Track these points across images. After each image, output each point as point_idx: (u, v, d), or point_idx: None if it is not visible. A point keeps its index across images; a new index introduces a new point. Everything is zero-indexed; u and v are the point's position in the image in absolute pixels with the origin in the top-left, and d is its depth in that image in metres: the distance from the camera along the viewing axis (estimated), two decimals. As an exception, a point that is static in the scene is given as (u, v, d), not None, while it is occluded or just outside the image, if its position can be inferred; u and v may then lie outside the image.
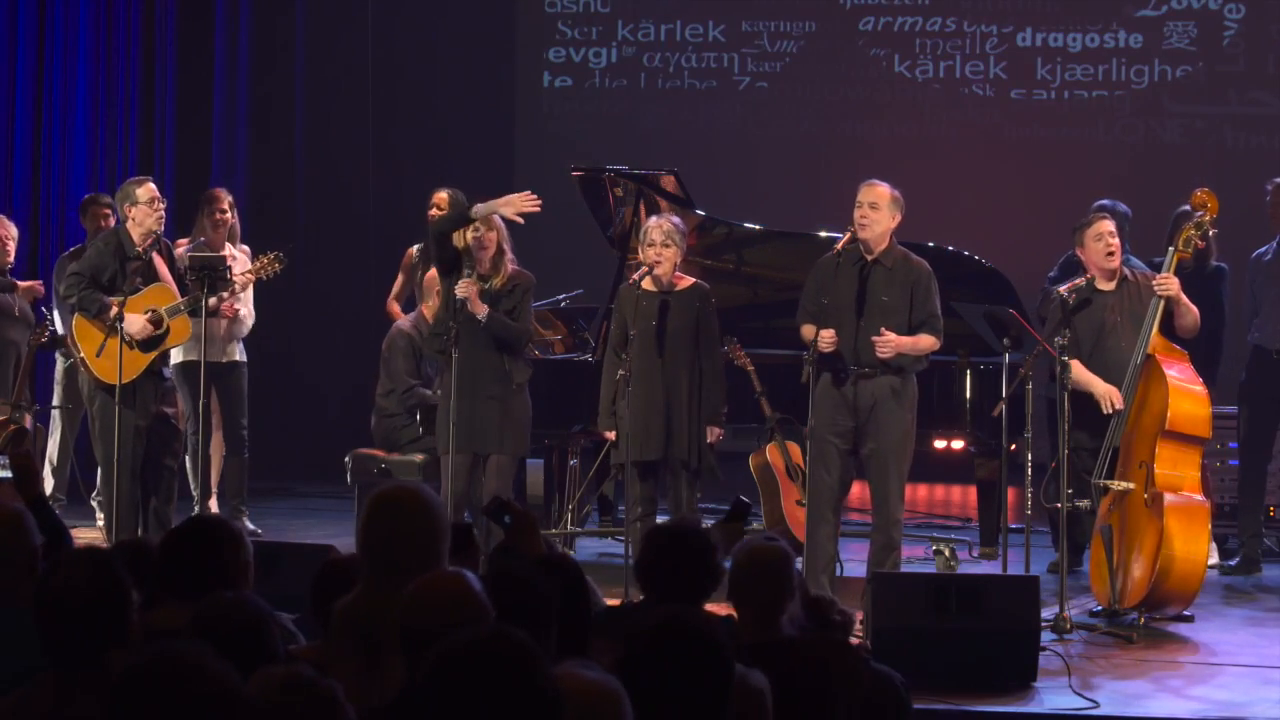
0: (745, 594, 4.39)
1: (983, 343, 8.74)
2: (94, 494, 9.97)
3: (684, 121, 13.67)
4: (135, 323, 8.51)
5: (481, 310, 7.95)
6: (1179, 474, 7.80)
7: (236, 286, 9.10)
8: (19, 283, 9.85)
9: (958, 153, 13.14)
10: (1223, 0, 13.26)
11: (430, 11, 13.69)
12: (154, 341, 8.61)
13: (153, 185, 8.75)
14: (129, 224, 8.65)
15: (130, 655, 2.95)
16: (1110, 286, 8.08)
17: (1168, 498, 7.72)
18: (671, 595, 4.35)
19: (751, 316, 9.33)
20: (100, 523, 9.66)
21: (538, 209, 8.02)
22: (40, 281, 10.12)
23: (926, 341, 7.83)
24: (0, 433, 9.10)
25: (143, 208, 8.64)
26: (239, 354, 9.78)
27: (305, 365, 13.07)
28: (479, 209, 8.00)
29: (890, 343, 7.69)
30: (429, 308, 8.96)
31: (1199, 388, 7.89)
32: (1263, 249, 9.42)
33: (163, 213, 8.74)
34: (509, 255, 8.08)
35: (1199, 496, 7.84)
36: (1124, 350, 7.94)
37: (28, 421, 9.41)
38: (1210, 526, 7.94)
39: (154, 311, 8.57)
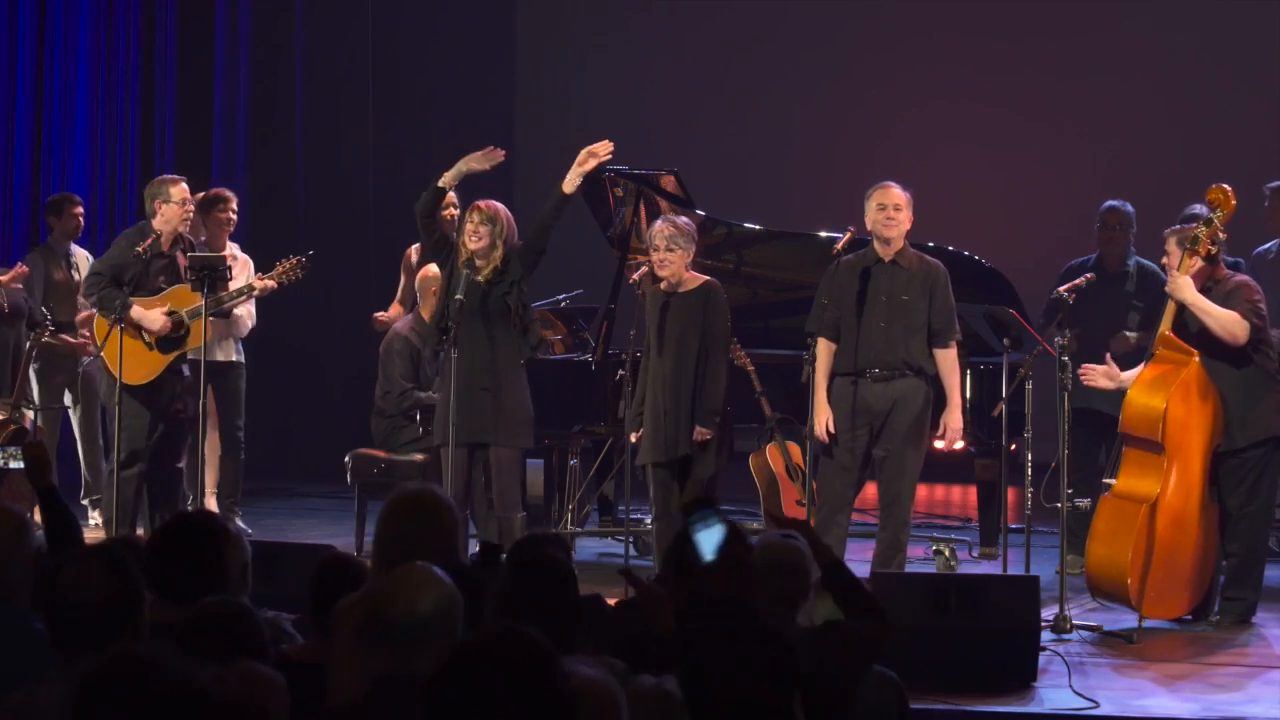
0: (759, 591, 4.39)
1: (983, 343, 8.75)
2: (82, 495, 9.95)
3: (684, 121, 13.66)
4: (154, 319, 8.51)
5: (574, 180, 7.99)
6: (1137, 479, 7.68)
7: (257, 291, 9.07)
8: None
9: (958, 153, 13.14)
10: (1224, 4, 13.25)
11: (430, 12, 13.69)
12: (174, 342, 8.59)
13: (185, 187, 8.75)
14: (156, 220, 8.63)
15: (94, 657, 2.94)
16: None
17: (1105, 499, 7.72)
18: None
19: (751, 316, 9.32)
20: (93, 522, 9.65)
21: (502, 156, 8.00)
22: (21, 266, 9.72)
23: (954, 363, 7.93)
24: (0, 432, 9.09)
25: (174, 206, 8.63)
26: (236, 354, 9.75)
27: (305, 366, 13.06)
28: (446, 177, 7.96)
29: (958, 432, 7.91)
30: (426, 309, 8.94)
31: (1159, 385, 7.66)
32: (1263, 247, 9.42)
33: (190, 216, 8.75)
34: (502, 251, 7.93)
35: (1143, 499, 7.61)
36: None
37: (27, 421, 9.40)
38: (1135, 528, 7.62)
39: (175, 313, 8.55)
